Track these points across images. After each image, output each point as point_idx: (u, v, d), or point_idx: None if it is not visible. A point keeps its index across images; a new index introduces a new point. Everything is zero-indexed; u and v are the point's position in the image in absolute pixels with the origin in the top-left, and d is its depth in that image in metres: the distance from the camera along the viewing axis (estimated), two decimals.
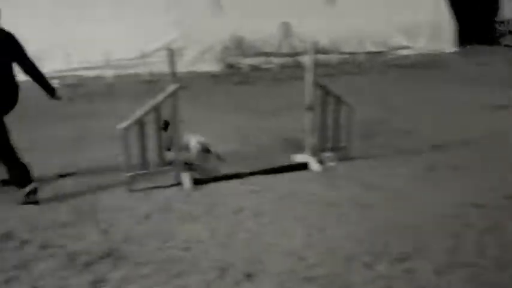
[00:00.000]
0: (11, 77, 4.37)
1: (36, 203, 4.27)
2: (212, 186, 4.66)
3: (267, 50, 12.03)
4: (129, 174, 4.54)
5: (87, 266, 3.24)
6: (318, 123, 5.24)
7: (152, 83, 9.50)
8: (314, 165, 5.13)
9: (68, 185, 4.72)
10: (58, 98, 4.78)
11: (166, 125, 4.85)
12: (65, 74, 9.91)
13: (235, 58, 11.76)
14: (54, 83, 9.64)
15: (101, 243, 3.55)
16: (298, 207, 4.18)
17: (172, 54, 4.50)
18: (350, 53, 12.85)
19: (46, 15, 10.34)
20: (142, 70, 10.33)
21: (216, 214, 4.05)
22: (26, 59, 4.49)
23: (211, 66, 11.39)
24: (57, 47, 10.22)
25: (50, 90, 4.71)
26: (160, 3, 11.05)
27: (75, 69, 10.12)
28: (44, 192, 4.49)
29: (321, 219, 3.95)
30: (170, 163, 4.74)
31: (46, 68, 10.04)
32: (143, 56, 10.42)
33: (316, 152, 5.27)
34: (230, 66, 11.70)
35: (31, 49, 10.14)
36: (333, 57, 12.18)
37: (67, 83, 9.56)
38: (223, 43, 11.67)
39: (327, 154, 5.31)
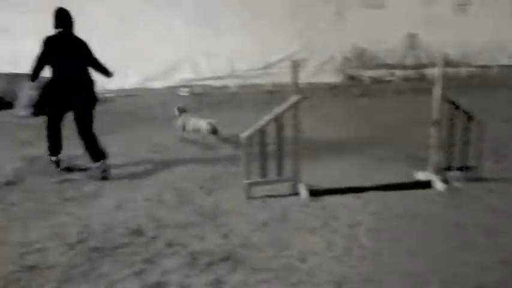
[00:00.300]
0: (86, 73, 5.47)
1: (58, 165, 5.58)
2: (329, 198, 4.62)
3: (390, 61, 11.68)
4: (248, 181, 4.69)
5: (208, 266, 3.40)
6: (444, 139, 4.96)
7: (274, 93, 9.73)
8: (438, 184, 4.86)
9: (190, 187, 5.00)
10: (112, 75, 5.76)
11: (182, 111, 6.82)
12: (193, 83, 10.58)
13: (356, 70, 11.60)
14: (184, 91, 10.38)
15: (221, 246, 3.71)
16: (419, 227, 3.98)
17: (296, 66, 4.57)
18: (482, 66, 11.98)
19: (179, 29, 11.13)
20: (265, 80, 10.65)
21: (332, 227, 4.01)
22: (93, 58, 5.57)
23: (331, 78, 11.37)
24: (187, 58, 10.96)
25: (109, 74, 5.73)
26: (284, 15, 11.29)
27: (203, 79, 10.74)
28: (169, 194, 4.82)
29: (445, 242, 3.72)
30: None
31: (176, 76, 10.91)
32: (267, 66, 10.74)
33: (441, 171, 4.99)
34: (350, 77, 11.58)
35: (164, 60, 11.02)
36: (463, 71, 11.45)
37: (195, 92, 10.17)
38: (344, 54, 11.57)
39: (453, 173, 5.00)
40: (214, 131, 6.54)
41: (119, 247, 3.71)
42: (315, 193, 4.70)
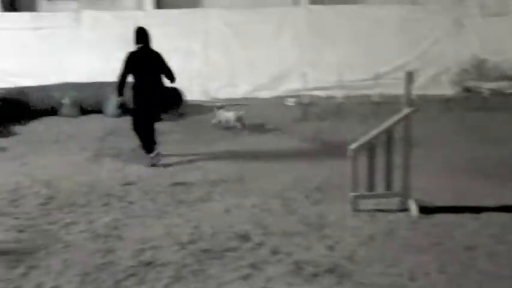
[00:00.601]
0: (161, 81, 6.37)
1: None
2: (440, 217, 4.38)
3: None
4: (354, 194, 4.61)
5: (313, 277, 3.39)
6: None
7: (381, 104, 9.46)
8: None
9: (296, 197, 5.02)
10: (174, 80, 6.45)
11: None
12: (300, 93, 10.64)
13: (474, 81, 10.87)
14: (290, 101, 10.48)
15: (326, 257, 3.67)
16: None
17: (410, 77, 4.42)
18: None
19: (288, 39, 11.31)
20: (373, 91, 10.39)
21: (445, 247, 3.79)
22: (167, 69, 6.35)
23: (445, 90, 10.77)
24: (295, 68, 11.07)
25: (173, 80, 6.42)
26: (396, 24, 10.97)
27: (310, 89, 10.75)
28: (275, 202, 4.88)
29: None
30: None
31: (284, 87, 11.06)
32: (375, 77, 10.48)
33: None
34: (467, 90, 10.87)
35: (273, 70, 11.23)
36: None
37: (302, 102, 10.23)
38: (462, 65, 10.91)
39: None
40: (239, 120, 8.17)
41: (227, 250, 3.83)
42: (426, 210, 4.47)
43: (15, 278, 3.51)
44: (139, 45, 6.30)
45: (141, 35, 6.32)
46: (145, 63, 6.27)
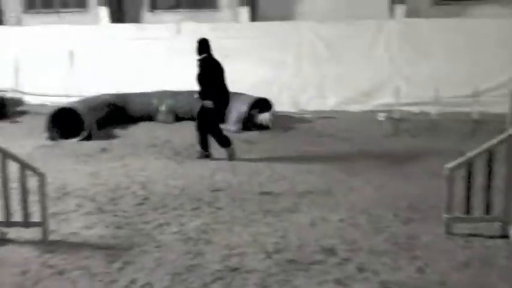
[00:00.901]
0: (227, 89, 7.07)
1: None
2: None
3: None
4: (449, 216, 4.39)
5: None
6: None
7: (480, 123, 8.95)
8: None
9: (384, 214, 4.88)
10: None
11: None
12: (392, 108, 10.34)
13: None
14: (381, 116, 10.21)
15: (416, 279, 3.53)
16: None
17: None
18: None
19: (380, 52, 11.06)
20: (471, 109, 9.84)
21: None
22: (223, 78, 7.00)
23: None
24: (387, 82, 10.79)
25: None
26: (499, 39, 10.33)
27: (403, 104, 10.39)
28: (362, 218, 4.78)
29: None
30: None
31: (376, 101, 10.80)
32: (475, 94, 9.91)
33: None
34: None
35: (363, 84, 11.07)
36: None
37: (393, 116, 9.95)
38: None
39: None
40: (269, 122, 9.43)
41: (312, 263, 3.81)
42: None
43: (113, 271, 3.74)
44: (204, 55, 6.90)
45: (205, 45, 6.91)
46: (216, 71, 6.92)
